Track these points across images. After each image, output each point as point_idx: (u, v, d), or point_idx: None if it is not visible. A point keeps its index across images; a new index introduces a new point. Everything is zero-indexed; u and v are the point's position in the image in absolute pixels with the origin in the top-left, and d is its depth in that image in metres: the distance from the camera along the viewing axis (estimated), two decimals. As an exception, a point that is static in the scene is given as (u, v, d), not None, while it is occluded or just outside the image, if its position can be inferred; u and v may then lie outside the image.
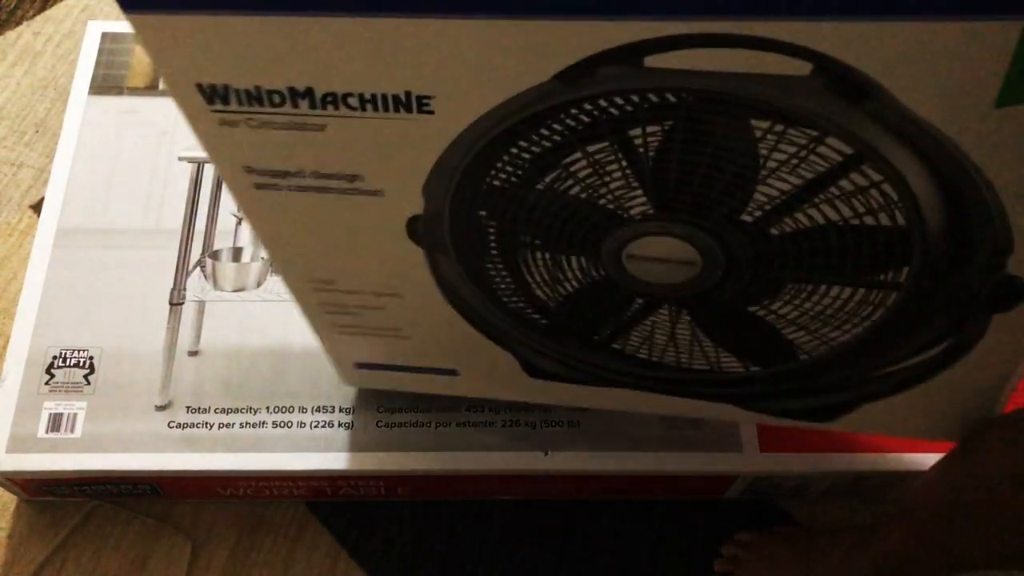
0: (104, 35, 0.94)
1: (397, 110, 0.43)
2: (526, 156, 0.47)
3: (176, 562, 0.80)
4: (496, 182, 0.49)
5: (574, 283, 0.56)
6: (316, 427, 0.76)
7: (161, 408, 0.76)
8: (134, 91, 0.91)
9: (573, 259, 0.54)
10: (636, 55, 0.39)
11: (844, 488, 0.81)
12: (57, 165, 0.87)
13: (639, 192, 0.48)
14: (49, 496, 0.81)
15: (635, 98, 0.42)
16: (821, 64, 0.39)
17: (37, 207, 0.95)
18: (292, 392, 0.77)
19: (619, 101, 0.43)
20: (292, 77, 0.42)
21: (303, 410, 0.77)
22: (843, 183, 0.45)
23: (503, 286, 0.57)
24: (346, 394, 0.77)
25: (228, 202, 0.86)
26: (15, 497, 0.82)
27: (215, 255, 0.84)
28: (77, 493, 0.80)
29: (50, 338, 0.79)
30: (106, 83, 0.92)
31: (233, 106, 0.44)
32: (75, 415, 0.76)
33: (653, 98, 0.42)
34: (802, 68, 0.39)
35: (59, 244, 0.83)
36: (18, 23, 1.09)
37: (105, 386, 0.77)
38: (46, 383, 0.77)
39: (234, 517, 0.82)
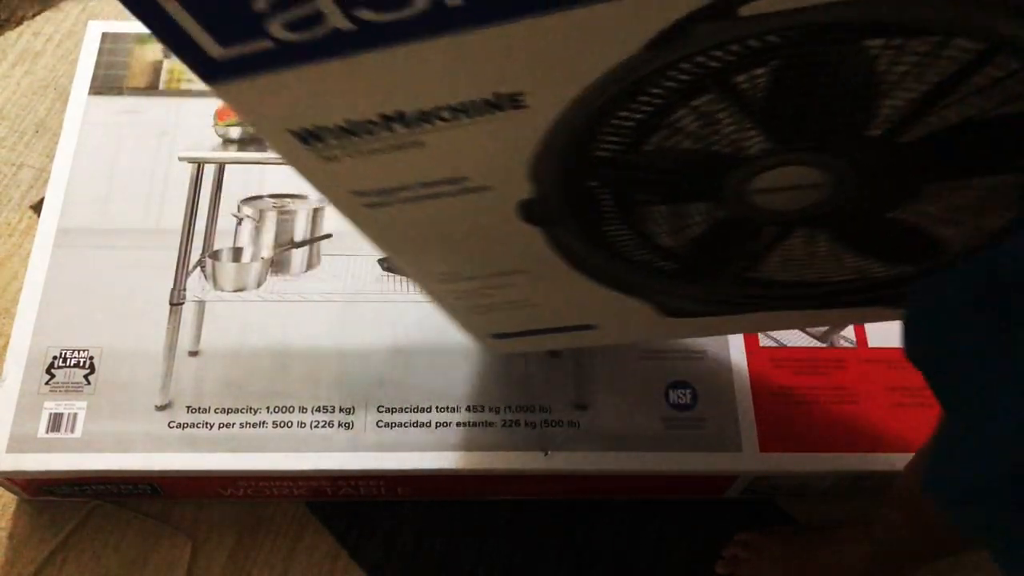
0: (104, 35, 0.94)
1: (491, 112, 0.44)
2: (629, 124, 0.47)
3: (176, 562, 0.80)
4: (602, 152, 0.49)
5: (700, 227, 0.56)
6: (316, 427, 0.76)
7: (161, 408, 0.76)
8: (134, 91, 0.91)
9: (694, 206, 0.54)
10: (729, 8, 0.38)
11: (844, 488, 0.81)
12: (57, 165, 0.87)
13: (754, 132, 0.47)
14: (49, 496, 0.81)
15: (736, 47, 0.41)
16: None
17: (37, 207, 0.95)
18: (292, 392, 0.77)
19: (719, 54, 0.42)
20: (380, 106, 0.43)
21: (303, 410, 0.77)
22: (976, 79, 0.42)
23: (627, 244, 0.58)
24: (346, 394, 0.77)
25: (228, 202, 0.86)
26: (15, 497, 0.82)
27: (215, 255, 0.84)
28: (77, 493, 0.80)
29: (50, 338, 0.79)
30: (106, 83, 0.92)
31: (329, 142, 0.45)
32: (75, 415, 0.76)
33: (755, 43, 0.41)
34: None
35: (59, 244, 0.83)
36: (18, 23, 1.09)
37: (105, 386, 0.77)
38: (46, 383, 0.77)
39: (234, 517, 0.82)
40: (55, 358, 0.78)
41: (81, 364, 0.78)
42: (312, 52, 0.39)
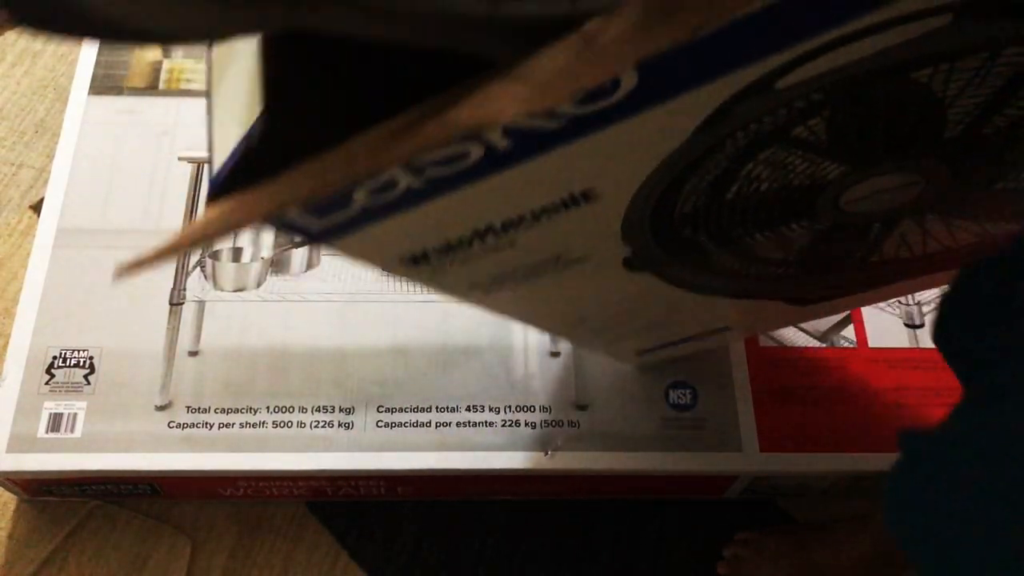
0: (104, 35, 0.94)
1: (567, 208, 0.46)
2: (702, 186, 0.49)
3: (176, 562, 0.80)
4: (686, 210, 0.51)
5: (805, 239, 0.57)
6: (316, 427, 0.76)
7: (161, 408, 0.76)
8: (134, 91, 0.91)
9: (793, 226, 0.55)
10: (766, 86, 0.39)
11: (844, 488, 0.81)
12: (57, 165, 0.87)
13: (828, 163, 0.48)
14: (49, 496, 0.81)
15: (783, 110, 0.42)
16: (963, 11, 0.37)
17: (37, 207, 0.95)
18: (292, 392, 0.77)
19: (768, 119, 0.43)
20: (469, 226, 0.46)
21: (303, 410, 0.77)
22: None
23: (740, 265, 0.59)
24: (346, 394, 0.77)
25: (228, 202, 0.86)
26: (15, 497, 0.82)
27: (215, 255, 0.84)
28: (77, 493, 0.80)
29: (50, 338, 0.79)
30: (106, 83, 0.92)
31: (434, 260, 0.48)
32: (75, 415, 0.76)
33: (800, 103, 0.42)
34: (941, 20, 0.37)
35: (59, 244, 0.83)
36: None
37: (105, 386, 0.77)
38: (46, 383, 0.77)
39: (234, 517, 0.82)
40: (55, 358, 0.78)
41: (81, 364, 0.78)
42: (396, 206, 0.41)
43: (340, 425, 0.76)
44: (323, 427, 0.76)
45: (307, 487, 0.79)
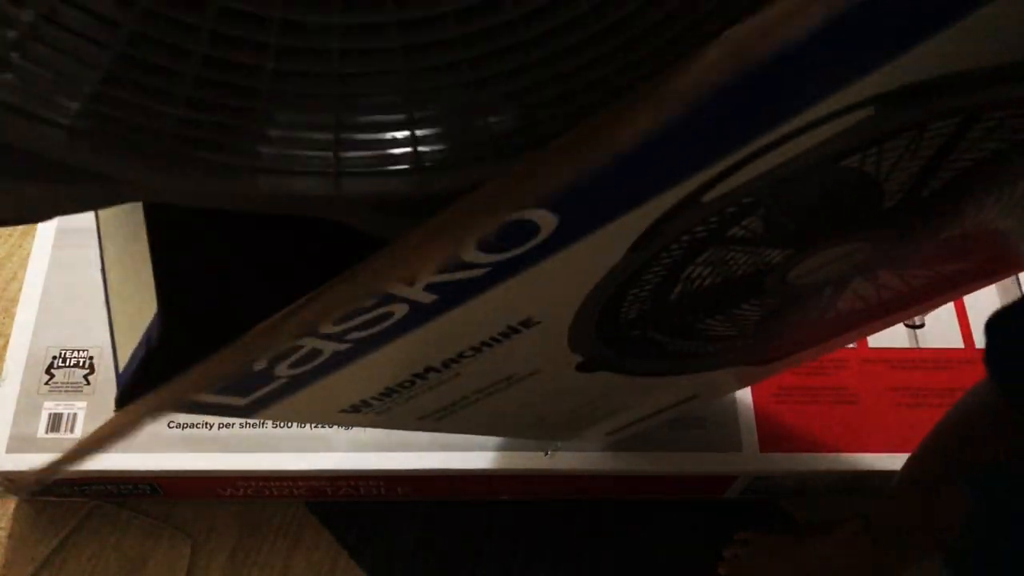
0: (104, 35, 0.94)
1: (509, 336, 0.45)
2: (644, 295, 0.48)
3: (176, 562, 0.80)
4: (631, 316, 0.50)
5: (758, 313, 0.57)
6: (316, 427, 0.76)
7: (161, 408, 0.76)
8: (134, 91, 0.91)
9: (744, 306, 0.55)
10: (691, 202, 0.37)
11: (844, 488, 0.81)
12: (57, 165, 0.87)
13: (770, 251, 0.47)
14: (49, 496, 0.81)
15: (714, 218, 0.41)
16: (884, 103, 0.36)
17: (37, 207, 0.95)
18: (292, 392, 0.77)
19: (700, 230, 0.42)
20: (410, 370, 0.45)
21: (303, 410, 0.77)
22: (970, 135, 0.42)
23: (693, 347, 0.59)
24: (346, 394, 0.77)
25: (228, 202, 0.86)
26: (15, 497, 0.82)
27: (215, 255, 0.84)
28: (77, 493, 0.80)
29: (50, 338, 0.79)
30: (106, 83, 0.92)
31: (377, 405, 0.48)
32: (75, 415, 0.76)
33: (732, 209, 0.41)
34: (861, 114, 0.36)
35: (59, 244, 0.83)
36: (18, 23, 1.09)
37: (105, 386, 0.77)
38: (46, 383, 0.77)
39: (234, 517, 0.82)
40: (55, 358, 0.78)
41: (81, 364, 0.78)
42: (323, 370, 0.40)
43: (340, 425, 0.76)
44: (323, 427, 0.76)
45: (307, 487, 0.79)
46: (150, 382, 0.38)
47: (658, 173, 0.34)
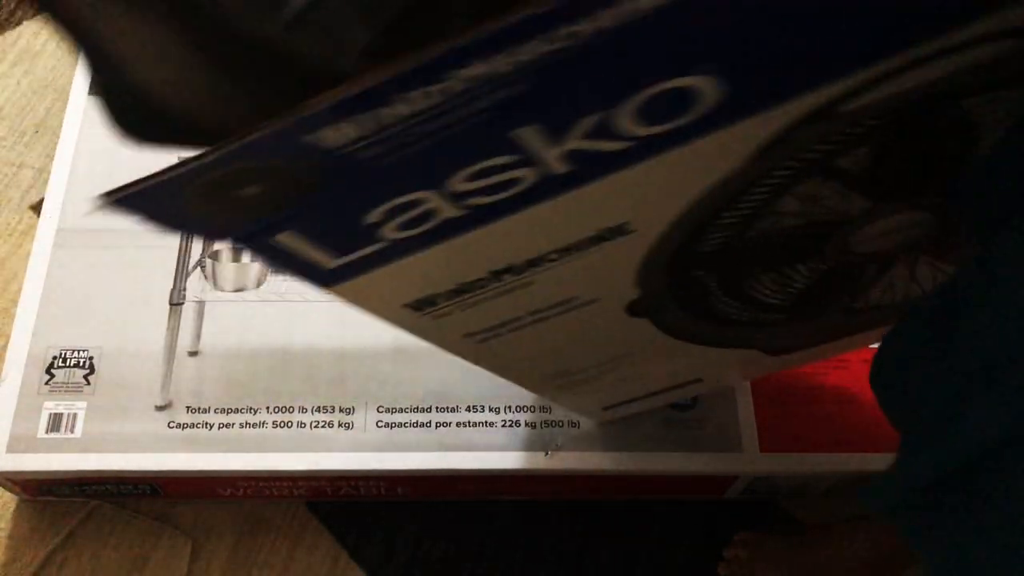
0: (104, 35, 0.94)
1: (597, 244, 0.45)
2: (732, 221, 0.48)
3: (176, 562, 0.80)
4: (707, 248, 0.50)
5: (804, 281, 0.57)
6: (316, 427, 0.76)
7: (161, 408, 0.76)
8: (134, 91, 0.91)
9: (798, 266, 0.55)
10: (830, 109, 0.37)
11: (844, 488, 0.81)
12: (57, 165, 0.87)
13: (857, 197, 0.48)
14: (49, 496, 0.81)
15: (838, 136, 0.41)
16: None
17: (37, 207, 0.95)
18: (292, 392, 0.77)
19: (821, 147, 0.42)
20: (490, 266, 0.44)
21: (303, 410, 0.77)
22: None
23: (732, 310, 0.59)
24: (346, 394, 0.77)
25: (228, 202, 0.86)
26: (15, 497, 0.82)
27: (215, 255, 0.84)
28: (77, 493, 0.80)
29: (50, 338, 0.79)
30: (106, 83, 0.92)
31: (440, 304, 0.46)
32: (75, 415, 0.76)
33: (856, 130, 0.41)
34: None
35: (59, 244, 0.83)
36: (18, 23, 1.09)
37: (105, 386, 0.77)
38: (46, 383, 0.77)
39: (234, 517, 0.82)
40: (55, 358, 0.78)
41: (81, 364, 0.78)
42: (425, 240, 0.39)
43: (340, 425, 0.76)
44: (323, 427, 0.76)
45: (307, 487, 0.79)
46: None
47: (827, 62, 0.34)
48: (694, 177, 0.41)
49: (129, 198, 0.34)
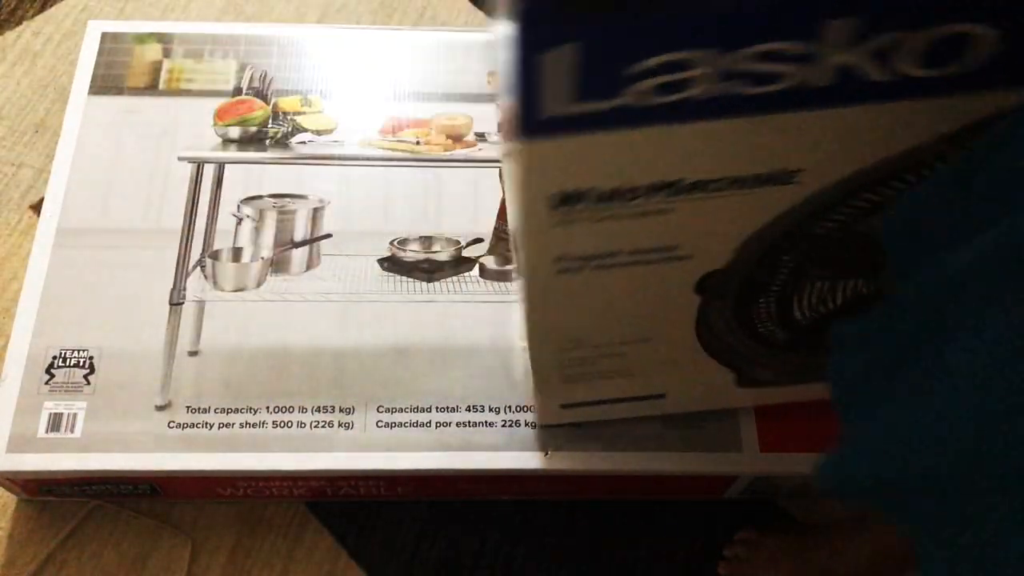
0: (104, 35, 0.94)
1: (760, 185, 0.47)
2: (864, 206, 0.49)
3: (176, 562, 0.80)
4: (819, 230, 0.51)
5: (839, 301, 0.59)
6: (316, 427, 0.76)
7: (161, 408, 0.76)
8: (134, 91, 0.91)
9: (851, 283, 0.57)
10: None
11: (844, 488, 0.81)
12: (57, 165, 0.87)
13: None
14: (49, 496, 0.81)
15: None
16: None
17: (37, 207, 0.95)
18: (292, 392, 0.77)
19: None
20: (662, 174, 0.45)
21: (303, 410, 0.77)
22: None
23: (764, 315, 0.61)
24: (346, 394, 0.77)
25: (228, 202, 0.86)
26: (15, 497, 0.82)
27: (215, 255, 0.84)
28: (77, 493, 0.80)
29: (50, 338, 0.79)
30: (106, 83, 0.92)
31: (580, 207, 0.47)
32: (75, 415, 0.76)
33: None
34: None
35: (59, 244, 0.83)
36: (18, 23, 1.09)
37: (105, 386, 0.77)
38: (46, 383, 0.77)
39: (234, 517, 0.82)
40: (55, 358, 0.78)
41: (81, 364, 0.78)
42: (657, 114, 0.41)
43: (340, 425, 0.76)
44: (323, 427, 0.76)
45: (307, 487, 0.79)
46: None
47: None
48: (882, 140, 0.44)
49: None
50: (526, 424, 0.76)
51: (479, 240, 0.85)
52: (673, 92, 0.40)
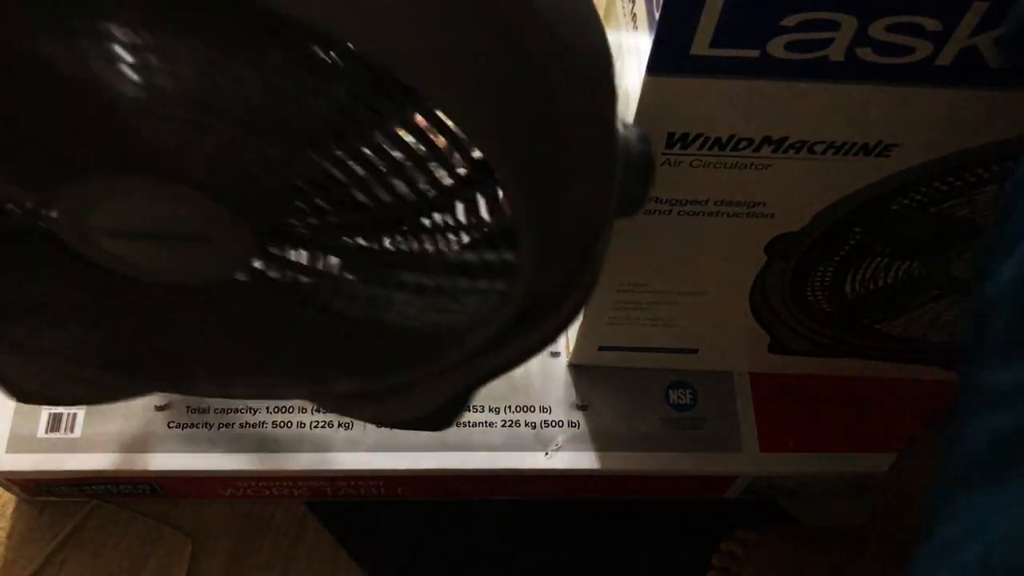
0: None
1: (856, 154, 0.49)
2: (944, 189, 0.51)
3: (176, 562, 0.80)
4: (896, 207, 0.54)
5: (890, 280, 0.61)
6: (316, 427, 0.76)
7: (161, 408, 0.76)
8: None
9: (906, 263, 0.59)
10: None
11: (844, 488, 0.81)
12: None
13: None
14: (49, 496, 0.81)
15: None
16: None
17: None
18: (292, 392, 0.77)
19: None
20: (774, 128, 0.47)
21: (303, 410, 0.77)
22: None
23: (817, 283, 0.63)
24: (346, 394, 0.77)
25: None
26: (15, 497, 0.82)
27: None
28: (77, 493, 0.80)
29: (50, 338, 0.79)
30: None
31: (690, 150, 0.49)
32: (75, 415, 0.75)
33: None
34: None
35: (59, 244, 0.83)
36: (18, 23, 1.09)
37: (105, 386, 0.77)
38: (46, 383, 0.77)
39: (234, 517, 0.82)
40: (55, 358, 0.78)
41: (81, 364, 0.78)
42: (797, 69, 0.43)
43: (340, 425, 0.76)
44: (323, 427, 0.76)
45: (307, 487, 0.79)
46: None
47: None
48: (984, 126, 0.46)
49: None
50: (526, 424, 0.76)
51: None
52: (810, 50, 0.42)
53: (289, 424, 0.76)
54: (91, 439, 0.75)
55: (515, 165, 0.31)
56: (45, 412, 0.75)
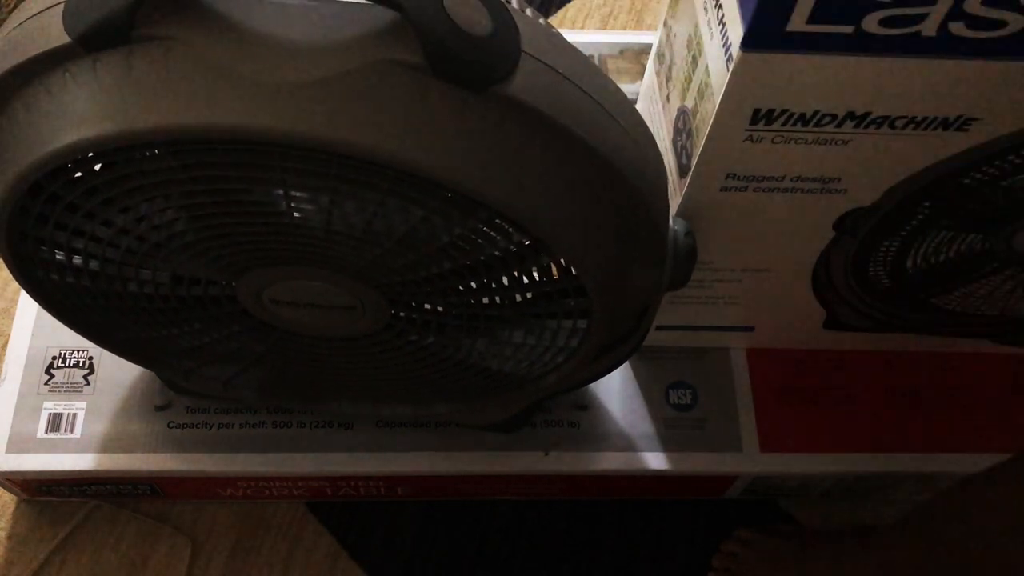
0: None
1: (935, 129, 0.49)
2: (1018, 163, 0.52)
3: (176, 562, 0.80)
4: (968, 180, 0.54)
5: (952, 253, 0.62)
6: (316, 427, 0.76)
7: (161, 408, 0.76)
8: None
9: (970, 236, 0.60)
10: None
11: (844, 488, 0.81)
12: (57, 165, 0.87)
13: None
14: (49, 496, 0.81)
15: None
16: None
17: (37, 207, 0.95)
18: (292, 392, 0.77)
19: None
20: (859, 103, 0.48)
21: (303, 411, 0.77)
22: None
23: (880, 258, 0.64)
24: (346, 394, 0.77)
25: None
26: (15, 497, 0.82)
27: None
28: (77, 493, 0.80)
29: (50, 338, 0.79)
30: (106, 83, 0.91)
31: (774, 126, 0.50)
32: (75, 415, 0.75)
33: None
34: None
35: (59, 244, 0.83)
36: (18, 23, 1.08)
37: (105, 386, 0.77)
38: (46, 383, 0.77)
39: (234, 517, 0.82)
40: (55, 358, 0.78)
41: (81, 364, 0.78)
42: (883, 43, 0.43)
43: (340, 425, 0.76)
44: (323, 427, 0.76)
45: (307, 487, 0.79)
46: None
47: None
48: None
49: None
50: (526, 424, 0.76)
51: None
52: (903, 26, 0.42)
53: (289, 424, 0.76)
54: (91, 439, 0.75)
55: (602, 291, 0.48)
56: (45, 412, 0.75)
